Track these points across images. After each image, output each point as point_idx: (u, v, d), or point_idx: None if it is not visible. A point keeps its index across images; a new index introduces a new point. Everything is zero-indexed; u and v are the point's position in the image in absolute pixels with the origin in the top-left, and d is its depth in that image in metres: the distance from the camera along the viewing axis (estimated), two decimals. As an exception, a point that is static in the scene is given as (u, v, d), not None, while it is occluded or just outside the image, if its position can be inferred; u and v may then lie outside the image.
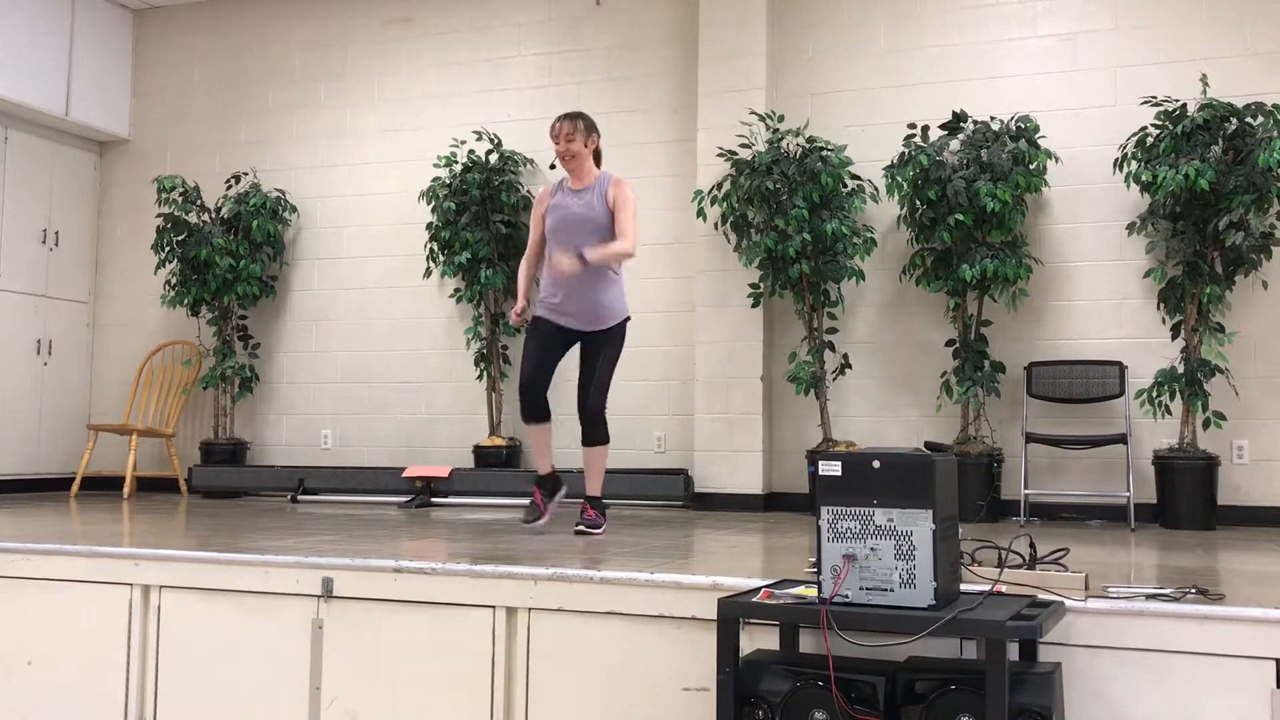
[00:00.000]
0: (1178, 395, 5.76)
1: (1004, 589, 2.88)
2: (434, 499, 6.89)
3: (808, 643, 2.99)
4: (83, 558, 3.90)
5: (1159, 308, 5.98)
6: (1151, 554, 4.29)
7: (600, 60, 7.42)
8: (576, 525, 4.84)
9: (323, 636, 3.57)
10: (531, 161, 7.41)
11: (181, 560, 3.78)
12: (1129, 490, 5.86)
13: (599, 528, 4.82)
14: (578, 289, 4.83)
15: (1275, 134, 5.57)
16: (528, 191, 7.41)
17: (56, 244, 8.30)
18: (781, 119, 6.63)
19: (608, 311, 4.87)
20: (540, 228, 5.02)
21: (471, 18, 7.78)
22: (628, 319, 4.96)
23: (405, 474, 7.02)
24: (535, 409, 4.92)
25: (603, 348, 4.87)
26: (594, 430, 4.88)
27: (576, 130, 4.85)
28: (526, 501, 6.66)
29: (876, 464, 2.61)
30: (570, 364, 5.09)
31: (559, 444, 6.93)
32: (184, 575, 3.77)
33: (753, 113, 6.72)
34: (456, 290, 7.50)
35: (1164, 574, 3.57)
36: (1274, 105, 5.66)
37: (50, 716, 3.87)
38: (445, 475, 6.92)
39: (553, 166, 5.05)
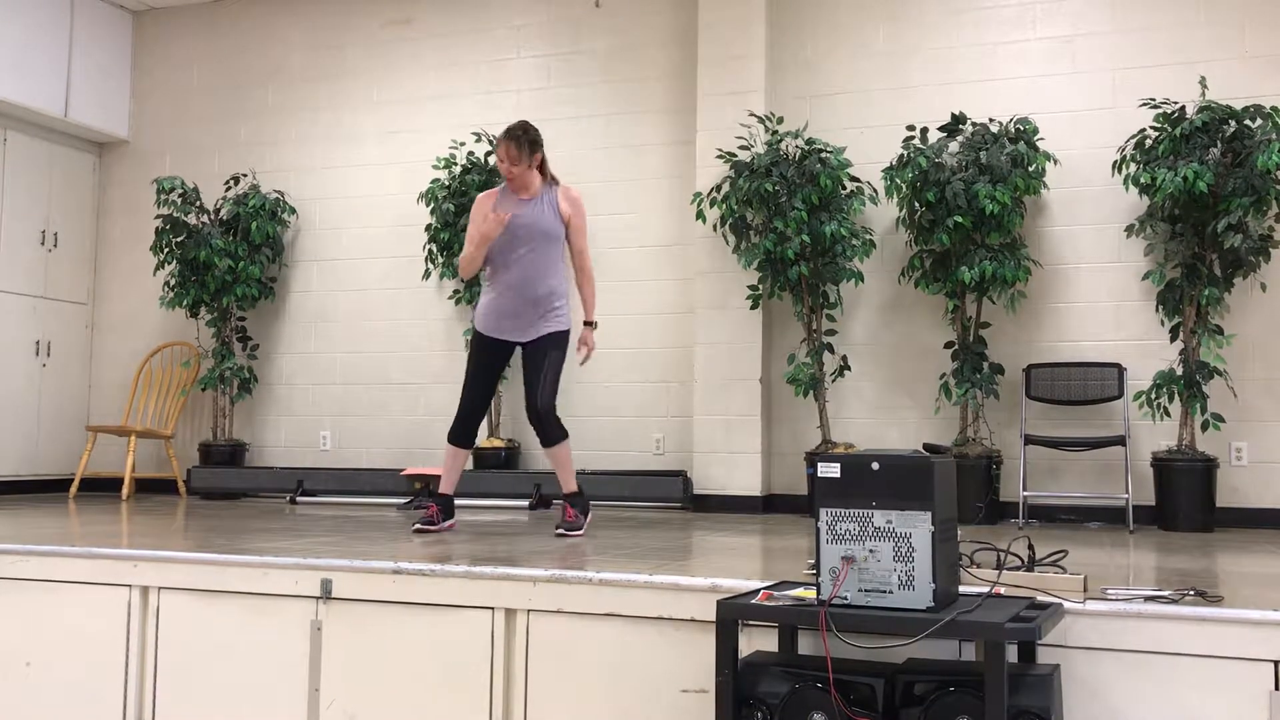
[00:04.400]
0: (1176, 397, 5.76)
1: (1002, 591, 2.88)
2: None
3: (806, 644, 2.99)
4: (81, 559, 3.90)
5: (1157, 310, 5.98)
6: (1150, 556, 4.29)
7: (599, 62, 7.43)
8: (557, 528, 4.84)
9: (322, 638, 3.57)
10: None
11: (180, 562, 3.78)
12: (1128, 492, 5.86)
13: (579, 529, 4.84)
14: (530, 300, 4.87)
15: (1274, 136, 5.58)
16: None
17: (55, 245, 8.30)
18: (780, 121, 6.64)
19: (555, 319, 4.92)
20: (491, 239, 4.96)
21: (471, 19, 7.78)
22: (569, 330, 4.98)
23: (404, 473, 7.02)
24: (469, 434, 4.99)
25: (549, 350, 4.90)
26: (549, 430, 4.88)
27: (520, 154, 4.77)
28: (518, 503, 6.69)
29: (875, 466, 2.61)
30: (515, 372, 5.07)
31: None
32: (183, 577, 3.77)
33: (752, 114, 6.73)
34: (455, 292, 7.50)
35: (1162, 576, 3.57)
36: (1272, 108, 5.67)
37: (49, 718, 3.87)
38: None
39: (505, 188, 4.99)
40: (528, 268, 4.84)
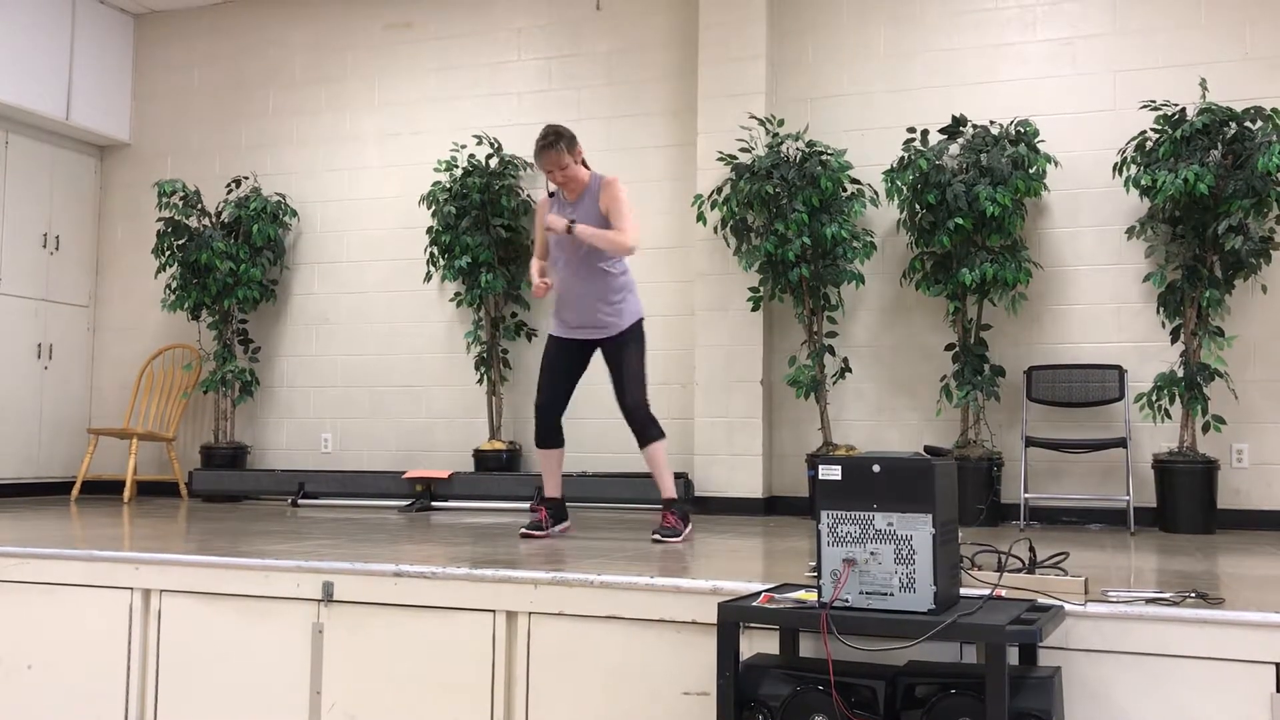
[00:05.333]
0: (1177, 399, 5.76)
1: (1004, 593, 2.88)
2: (434, 503, 6.90)
3: (808, 647, 2.99)
4: (83, 562, 3.90)
5: (1158, 312, 5.98)
6: (1151, 558, 4.29)
7: (600, 64, 7.43)
8: (653, 533, 4.71)
9: (323, 641, 3.58)
10: (531, 165, 7.41)
11: (182, 564, 3.79)
12: (1128, 494, 5.86)
13: (678, 535, 4.70)
14: (585, 297, 4.84)
15: (1274, 138, 5.58)
16: (528, 195, 7.41)
17: (57, 248, 8.31)
18: (781, 123, 6.64)
19: (619, 314, 4.85)
20: (545, 237, 5.03)
21: (471, 22, 7.79)
22: (641, 319, 4.92)
23: (406, 476, 7.03)
24: (548, 433, 4.91)
25: (626, 347, 4.83)
26: (644, 428, 4.78)
27: (560, 154, 4.77)
28: (519, 505, 6.70)
29: (876, 468, 2.61)
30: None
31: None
32: (184, 579, 3.77)
33: (752, 117, 6.73)
34: (457, 294, 7.50)
35: (1163, 578, 3.57)
36: (1273, 110, 5.67)
37: (50, 720, 3.87)
38: (445, 478, 6.93)
39: (551, 194, 5.03)
40: (579, 268, 4.83)
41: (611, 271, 4.85)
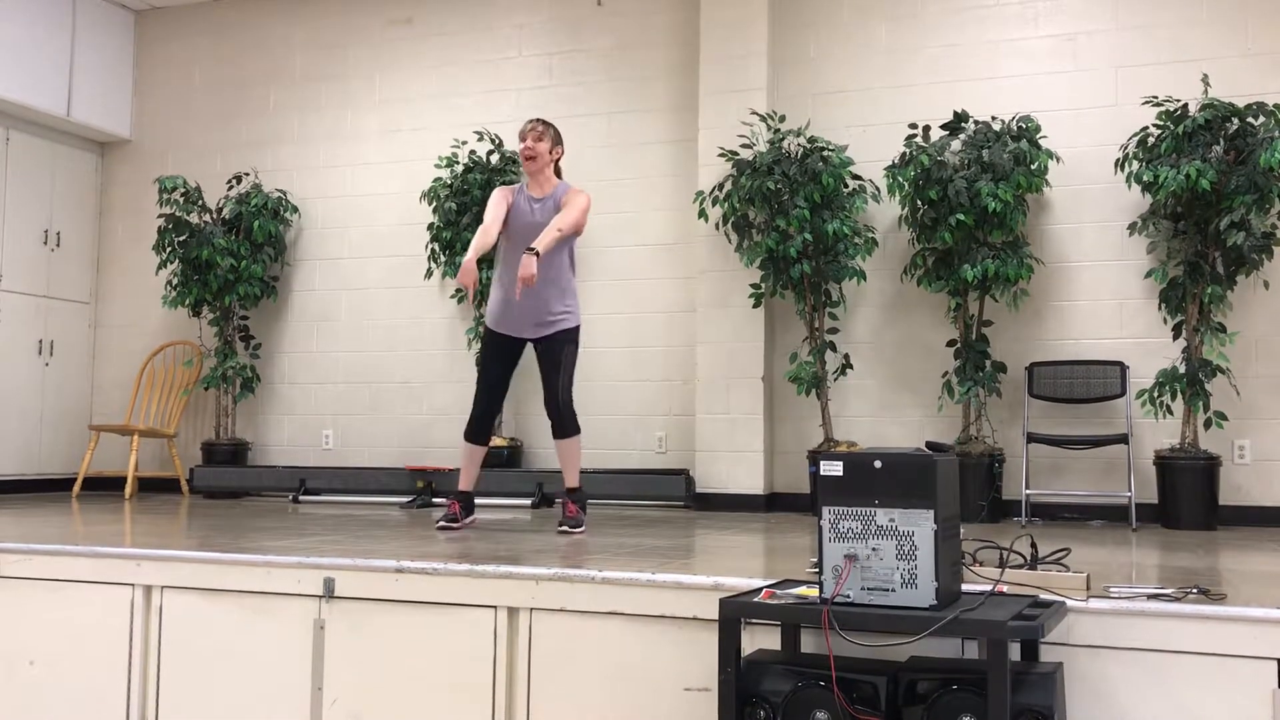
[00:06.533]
0: (1179, 395, 5.76)
1: (1005, 589, 2.88)
2: (435, 499, 6.90)
3: (809, 643, 2.99)
4: (85, 558, 3.90)
5: (1160, 308, 5.98)
6: (1153, 554, 4.29)
7: (601, 60, 7.43)
8: (559, 526, 4.89)
9: (324, 637, 3.58)
10: (533, 162, 7.40)
11: (183, 560, 3.79)
12: (1130, 490, 5.86)
13: (580, 526, 4.91)
14: (532, 299, 4.90)
15: (1276, 134, 5.57)
16: (529, 192, 7.42)
17: (58, 244, 8.30)
18: (783, 119, 6.63)
19: (563, 317, 4.96)
20: (497, 216, 4.97)
21: (472, 18, 7.78)
22: (579, 327, 5.04)
23: (407, 467, 7.05)
24: (481, 431, 5.03)
25: (564, 347, 4.95)
26: (566, 423, 4.94)
27: (545, 132, 4.99)
28: (521, 502, 6.71)
29: (878, 464, 2.61)
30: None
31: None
32: (186, 575, 3.77)
33: (754, 113, 6.72)
34: (458, 291, 7.50)
35: (1165, 574, 3.57)
36: (1275, 105, 5.66)
37: (52, 717, 3.87)
38: (447, 471, 6.94)
39: (509, 185, 5.15)
40: (540, 271, 4.86)
41: (566, 276, 4.95)
